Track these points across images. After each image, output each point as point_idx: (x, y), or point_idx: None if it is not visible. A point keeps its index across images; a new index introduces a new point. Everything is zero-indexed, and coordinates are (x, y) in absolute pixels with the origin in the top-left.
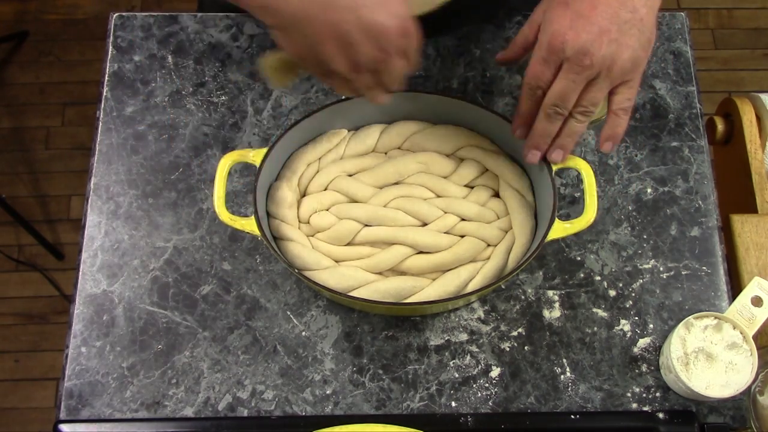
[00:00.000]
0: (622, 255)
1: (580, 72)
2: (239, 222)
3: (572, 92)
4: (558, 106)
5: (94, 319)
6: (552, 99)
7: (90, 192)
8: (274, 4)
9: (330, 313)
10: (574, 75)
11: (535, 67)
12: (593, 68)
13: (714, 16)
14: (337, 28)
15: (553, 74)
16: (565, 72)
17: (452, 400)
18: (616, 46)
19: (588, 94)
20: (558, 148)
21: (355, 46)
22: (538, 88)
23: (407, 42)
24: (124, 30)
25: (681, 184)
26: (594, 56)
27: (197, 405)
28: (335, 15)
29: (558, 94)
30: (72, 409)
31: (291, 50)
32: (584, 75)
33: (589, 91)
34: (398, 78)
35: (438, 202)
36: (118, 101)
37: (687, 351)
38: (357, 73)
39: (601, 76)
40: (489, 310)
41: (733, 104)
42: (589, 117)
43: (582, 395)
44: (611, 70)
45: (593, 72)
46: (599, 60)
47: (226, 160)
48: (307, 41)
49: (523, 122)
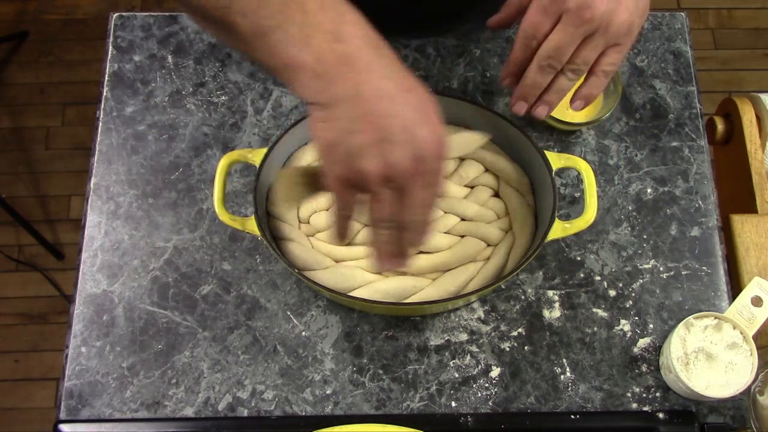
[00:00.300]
0: (622, 255)
1: (579, 25)
2: (239, 222)
3: (569, 46)
4: (552, 58)
5: (94, 319)
6: (547, 51)
7: (90, 192)
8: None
9: (330, 313)
10: (573, 28)
11: (533, 15)
12: (592, 23)
13: (714, 16)
14: (384, 121)
15: (551, 25)
16: (563, 24)
17: (452, 400)
18: (616, 5)
19: (582, 51)
20: (544, 104)
21: (393, 145)
22: (533, 38)
23: (437, 167)
24: (124, 30)
25: (681, 184)
26: (595, 11)
27: (197, 405)
28: (387, 107)
29: (554, 47)
30: (72, 409)
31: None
32: (583, 29)
33: (584, 48)
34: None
35: (438, 202)
36: (118, 101)
37: (687, 351)
38: (383, 187)
39: (597, 33)
40: (489, 310)
41: (733, 104)
42: (579, 76)
43: (582, 395)
44: (607, 30)
45: (591, 27)
46: (599, 15)
47: (226, 160)
48: (347, 126)
49: (513, 70)
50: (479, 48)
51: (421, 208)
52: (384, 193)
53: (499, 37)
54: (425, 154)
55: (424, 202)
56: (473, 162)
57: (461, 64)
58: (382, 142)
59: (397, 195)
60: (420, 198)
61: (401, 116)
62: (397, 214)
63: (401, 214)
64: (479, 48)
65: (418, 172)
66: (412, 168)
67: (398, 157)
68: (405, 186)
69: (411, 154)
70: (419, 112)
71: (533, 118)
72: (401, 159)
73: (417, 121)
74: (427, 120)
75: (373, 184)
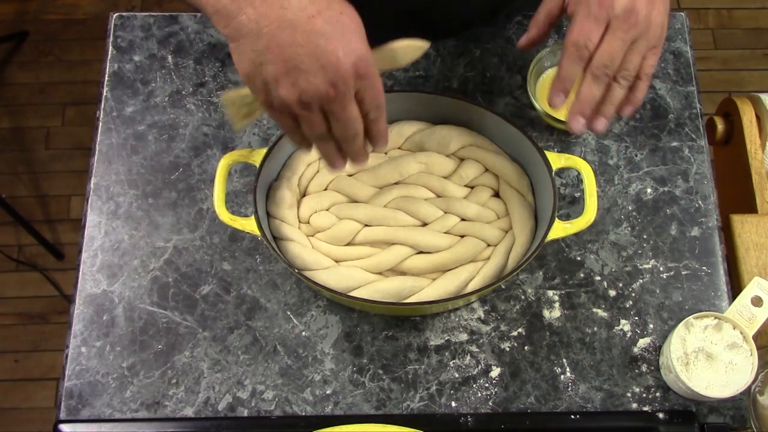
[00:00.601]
0: (622, 255)
1: (628, 30)
2: (239, 222)
3: (620, 52)
4: (608, 66)
5: (94, 319)
6: (603, 59)
7: (90, 192)
8: (228, 11)
9: (330, 313)
10: (623, 33)
11: (584, 24)
12: (637, 28)
13: (714, 16)
14: (289, 49)
15: (601, 33)
16: (613, 30)
17: (452, 400)
18: (652, 8)
19: (630, 56)
20: (602, 117)
21: (303, 73)
22: (585, 48)
23: (363, 86)
24: (124, 30)
25: (681, 184)
26: (639, 15)
27: (197, 405)
28: (290, 35)
29: (608, 54)
30: (72, 409)
31: (239, 66)
32: (631, 34)
33: (631, 54)
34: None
35: (438, 202)
36: (118, 101)
37: (687, 351)
38: (306, 111)
39: (640, 38)
40: (489, 310)
41: (733, 104)
42: (629, 83)
43: (582, 395)
44: (648, 33)
45: (637, 32)
46: (642, 20)
47: (226, 160)
48: (255, 58)
49: (564, 87)
50: (479, 48)
51: (348, 124)
52: (309, 115)
53: (499, 37)
54: (338, 77)
55: (350, 118)
56: (473, 162)
57: (461, 64)
58: (291, 71)
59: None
60: (346, 116)
61: (306, 44)
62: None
63: (335, 131)
64: (479, 48)
65: (336, 95)
66: (328, 92)
67: (311, 84)
68: (328, 109)
69: (324, 80)
70: (326, 37)
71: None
72: (315, 85)
73: (324, 46)
74: (336, 43)
75: (294, 109)
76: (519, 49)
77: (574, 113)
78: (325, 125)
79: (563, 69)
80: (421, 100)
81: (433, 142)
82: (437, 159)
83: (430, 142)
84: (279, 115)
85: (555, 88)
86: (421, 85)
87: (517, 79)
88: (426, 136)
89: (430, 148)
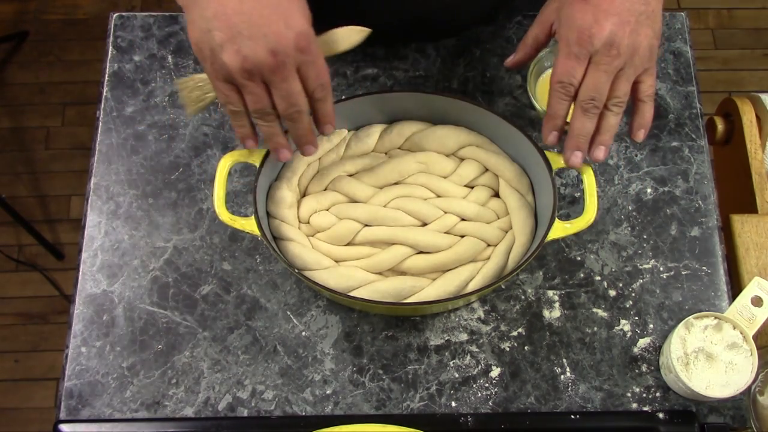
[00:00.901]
0: (622, 255)
1: (610, 62)
2: (239, 222)
3: (605, 83)
4: (595, 99)
5: (94, 319)
6: (588, 93)
7: (90, 192)
8: None
9: (330, 313)
10: (605, 66)
11: (565, 63)
12: (620, 58)
13: (714, 16)
14: (234, 17)
15: (584, 69)
16: (595, 64)
17: (452, 400)
18: (636, 36)
19: (618, 85)
20: (600, 146)
21: (247, 39)
22: (570, 84)
23: (304, 60)
24: (124, 30)
25: (681, 184)
26: (620, 46)
27: (197, 405)
28: (237, 4)
29: (593, 87)
30: (72, 409)
31: (190, 34)
32: (614, 65)
33: (618, 82)
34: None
35: (438, 202)
36: (118, 101)
37: (687, 351)
38: (249, 80)
39: (626, 66)
40: (489, 310)
41: (733, 104)
42: (622, 109)
43: (582, 395)
44: (633, 60)
45: (621, 62)
46: (624, 50)
47: (226, 160)
48: (204, 25)
49: (555, 125)
50: (479, 48)
51: (291, 98)
52: (251, 86)
53: (499, 37)
54: (280, 47)
55: (291, 93)
56: (473, 162)
57: (461, 64)
58: (236, 37)
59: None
60: (287, 87)
61: (250, 13)
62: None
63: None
64: (479, 48)
65: (277, 65)
66: (269, 61)
67: (252, 51)
68: (268, 79)
69: (265, 48)
70: (271, 9)
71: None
72: (255, 53)
73: (268, 17)
74: (280, 16)
75: (237, 77)
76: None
77: (570, 148)
78: (268, 99)
79: (552, 107)
80: (421, 100)
81: (432, 142)
82: (437, 159)
83: (430, 142)
84: (224, 87)
85: (547, 126)
86: (421, 85)
87: (517, 79)
88: (426, 135)
89: (430, 148)
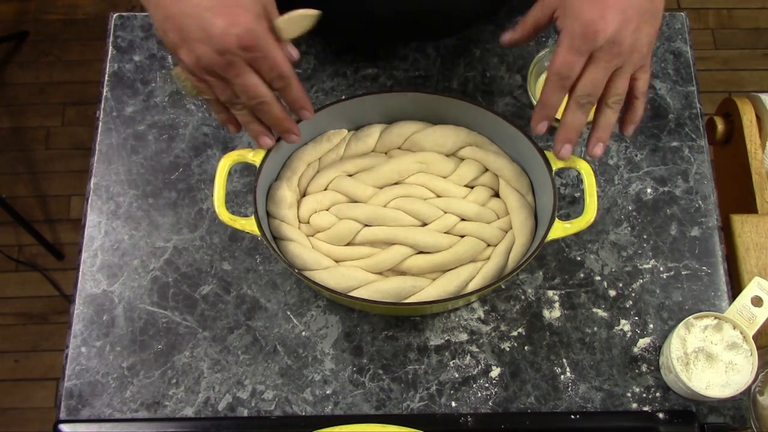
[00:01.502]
0: (622, 255)
1: (611, 60)
2: (239, 222)
3: (603, 80)
4: (591, 95)
5: (94, 319)
6: (585, 88)
7: (90, 192)
8: None
9: (330, 313)
10: (605, 63)
11: (566, 56)
12: (621, 57)
13: (714, 16)
14: (180, 20)
15: (583, 64)
16: (596, 61)
17: (452, 400)
18: (638, 35)
19: (616, 82)
20: (599, 142)
21: (195, 41)
22: (568, 78)
23: (253, 58)
24: (124, 30)
25: (681, 184)
26: (622, 45)
27: (197, 405)
28: (180, 7)
29: (591, 83)
30: (72, 409)
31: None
32: (613, 63)
33: (617, 79)
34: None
35: (438, 202)
36: (118, 101)
37: (687, 351)
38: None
39: (626, 63)
40: (489, 310)
41: (733, 104)
42: (620, 105)
43: (582, 395)
44: (632, 57)
45: (621, 60)
46: (626, 48)
47: (226, 160)
48: (159, 26)
49: (547, 115)
50: (479, 48)
51: (249, 92)
52: (212, 80)
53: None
54: (226, 47)
55: (247, 87)
56: (473, 162)
57: (461, 64)
58: (186, 39)
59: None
60: (243, 83)
61: (193, 16)
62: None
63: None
64: (479, 48)
65: (226, 64)
66: (218, 61)
67: (202, 52)
68: (224, 76)
69: (212, 49)
70: (212, 11)
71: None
72: (204, 53)
73: (209, 18)
74: (220, 16)
75: (196, 73)
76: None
77: (561, 141)
78: (231, 90)
79: (546, 96)
80: (421, 100)
81: (432, 142)
82: (437, 159)
83: (430, 142)
84: (193, 78)
85: (538, 115)
86: (421, 85)
87: (517, 79)
88: (426, 135)
89: (430, 147)
